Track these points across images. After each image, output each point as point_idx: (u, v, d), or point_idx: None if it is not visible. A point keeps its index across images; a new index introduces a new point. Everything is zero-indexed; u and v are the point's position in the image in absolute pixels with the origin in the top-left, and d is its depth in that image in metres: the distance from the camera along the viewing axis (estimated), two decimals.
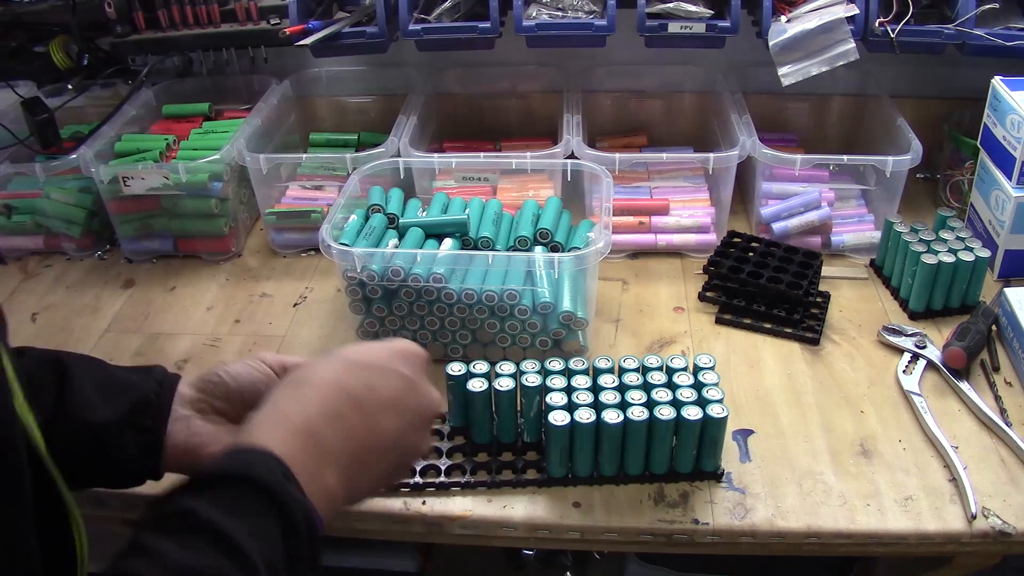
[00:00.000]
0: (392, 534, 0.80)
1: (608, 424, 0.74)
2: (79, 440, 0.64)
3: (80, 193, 1.17)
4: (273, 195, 1.18)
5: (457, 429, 0.84)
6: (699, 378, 0.79)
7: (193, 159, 1.11)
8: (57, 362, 0.66)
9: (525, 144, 1.25)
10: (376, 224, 0.95)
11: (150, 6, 1.19)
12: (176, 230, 1.16)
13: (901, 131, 1.11)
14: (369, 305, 0.92)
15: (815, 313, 1.00)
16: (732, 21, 1.08)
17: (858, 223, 1.14)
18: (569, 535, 0.78)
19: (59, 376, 0.65)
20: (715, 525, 0.76)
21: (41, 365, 0.65)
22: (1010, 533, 0.74)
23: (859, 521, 0.76)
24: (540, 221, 0.97)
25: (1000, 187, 1.03)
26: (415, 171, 1.09)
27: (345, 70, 1.33)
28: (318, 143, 1.31)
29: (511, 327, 0.90)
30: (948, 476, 0.80)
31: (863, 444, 0.84)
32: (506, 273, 0.90)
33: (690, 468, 0.79)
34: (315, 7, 1.18)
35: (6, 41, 1.27)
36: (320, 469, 0.54)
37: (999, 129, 1.04)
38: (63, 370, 0.65)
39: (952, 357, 0.91)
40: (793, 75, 1.09)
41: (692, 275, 1.09)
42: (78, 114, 1.30)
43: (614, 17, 1.08)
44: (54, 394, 0.64)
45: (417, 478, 0.80)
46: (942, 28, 1.07)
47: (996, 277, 1.06)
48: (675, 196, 1.16)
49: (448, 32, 1.12)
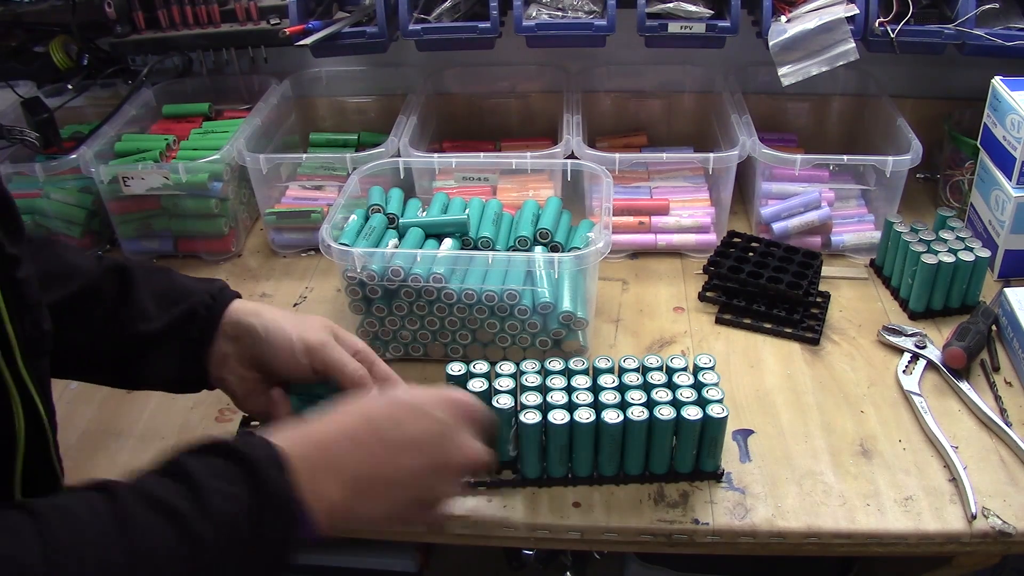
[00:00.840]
0: (392, 534, 0.80)
1: (608, 424, 0.74)
2: (132, 346, 0.70)
3: (80, 193, 1.17)
4: (273, 195, 1.18)
5: None
6: (699, 378, 0.79)
7: (193, 159, 1.11)
8: (123, 270, 0.72)
9: (525, 144, 1.25)
10: (376, 224, 0.95)
11: (150, 6, 1.19)
12: (176, 230, 1.16)
13: (901, 131, 1.11)
14: (369, 305, 0.92)
15: (815, 313, 1.00)
16: (732, 21, 1.08)
17: (858, 223, 1.14)
18: (569, 535, 0.78)
19: (122, 284, 0.71)
20: (715, 525, 0.76)
21: (108, 273, 0.71)
22: (1010, 533, 0.74)
23: (859, 521, 0.76)
24: (540, 221, 0.97)
25: (1000, 187, 1.03)
26: (415, 171, 1.09)
27: (345, 70, 1.33)
28: (318, 143, 1.31)
29: (511, 327, 0.90)
30: (948, 476, 0.80)
31: (863, 444, 0.84)
32: (506, 273, 0.90)
33: (690, 468, 0.79)
34: (315, 7, 1.18)
35: (6, 41, 1.27)
36: (323, 477, 0.55)
37: (999, 129, 1.04)
38: (128, 278, 0.71)
39: (952, 357, 0.91)
40: (793, 75, 1.09)
41: (692, 275, 1.09)
42: (78, 114, 1.30)
43: (614, 17, 1.08)
44: (115, 302, 0.70)
45: None
46: (942, 28, 1.07)
47: (996, 277, 1.06)
48: (675, 196, 1.16)
49: (448, 32, 1.12)
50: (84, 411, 0.91)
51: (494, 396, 0.77)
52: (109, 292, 0.71)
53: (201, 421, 0.89)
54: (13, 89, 1.25)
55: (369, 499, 0.58)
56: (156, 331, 0.70)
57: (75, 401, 0.92)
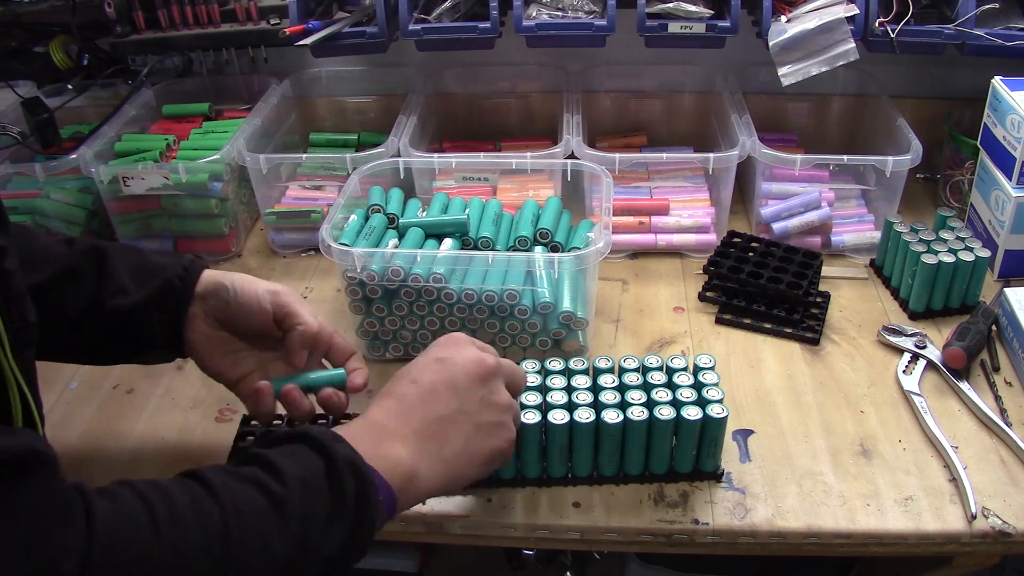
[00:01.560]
0: (392, 534, 0.80)
1: (608, 424, 0.74)
2: (114, 322, 0.74)
3: (80, 193, 1.17)
4: (273, 195, 1.18)
5: None
6: (699, 378, 0.79)
7: (193, 159, 1.11)
8: (98, 250, 0.75)
9: (525, 144, 1.25)
10: (376, 224, 0.95)
11: (150, 6, 1.19)
12: (176, 230, 1.16)
13: (901, 131, 1.11)
14: (369, 305, 0.92)
15: (815, 313, 1.00)
16: (732, 21, 1.08)
17: (858, 223, 1.14)
18: (569, 535, 0.78)
19: (99, 264, 0.74)
20: (715, 525, 0.76)
21: (84, 255, 0.75)
22: (1010, 533, 0.74)
23: (859, 521, 0.76)
24: (540, 221, 0.97)
25: (1000, 187, 1.03)
26: (415, 171, 1.09)
27: (345, 70, 1.33)
28: (318, 143, 1.31)
29: (511, 327, 0.90)
30: (948, 476, 0.80)
31: (863, 444, 0.84)
32: (506, 273, 0.90)
33: (690, 468, 0.79)
34: (315, 7, 1.18)
35: (6, 41, 1.27)
36: (382, 444, 0.62)
37: (999, 129, 1.04)
38: (102, 258, 0.75)
39: (952, 357, 0.91)
40: (793, 75, 1.09)
41: (692, 275, 1.09)
42: (78, 114, 1.30)
43: (614, 17, 1.08)
44: (94, 282, 0.74)
45: None
46: (942, 28, 1.07)
47: (996, 277, 1.06)
48: (675, 196, 1.16)
49: (448, 32, 1.12)
50: (84, 411, 0.91)
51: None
52: (87, 273, 0.74)
53: (201, 421, 0.89)
54: (13, 89, 1.25)
55: (438, 442, 0.64)
56: (134, 305, 0.74)
57: (75, 401, 0.92)
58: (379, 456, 0.60)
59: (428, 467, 0.63)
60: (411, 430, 0.63)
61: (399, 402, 0.65)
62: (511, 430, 0.69)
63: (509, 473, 0.79)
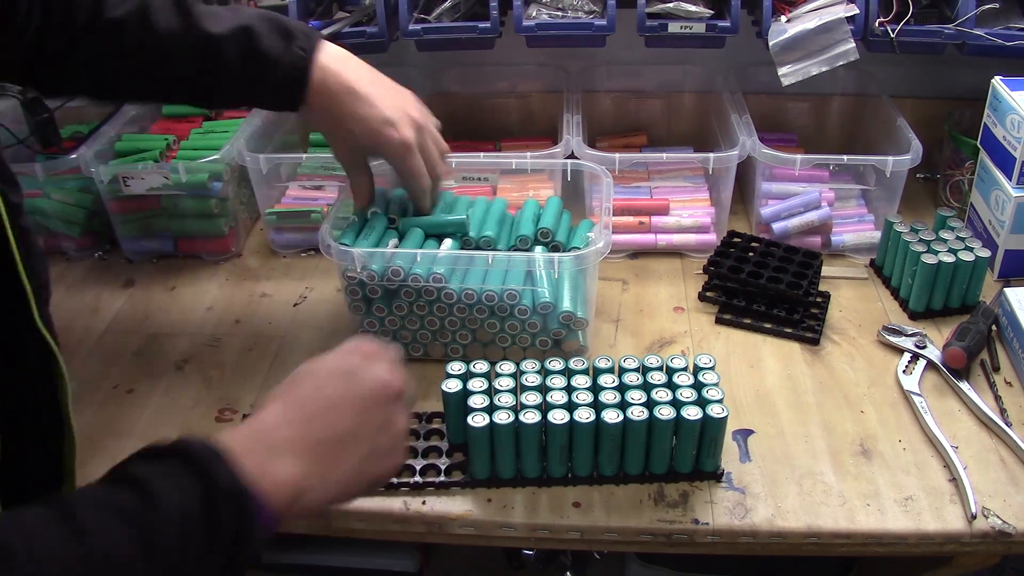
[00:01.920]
0: (392, 534, 0.80)
1: (608, 424, 0.74)
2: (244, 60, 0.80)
3: (80, 193, 1.17)
4: (273, 195, 1.18)
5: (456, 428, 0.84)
6: (699, 378, 0.79)
7: (193, 159, 1.11)
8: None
9: (525, 144, 1.25)
10: (376, 224, 0.95)
11: None
12: (176, 230, 1.16)
13: (901, 131, 1.11)
14: (369, 305, 0.92)
15: (815, 313, 1.00)
16: (732, 21, 1.08)
17: (858, 223, 1.14)
18: (569, 535, 0.78)
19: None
20: (715, 525, 0.76)
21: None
22: (1010, 533, 0.74)
23: (859, 521, 0.76)
24: (541, 221, 0.97)
25: (1000, 187, 1.03)
26: None
27: None
28: (318, 143, 1.30)
29: (511, 327, 0.90)
30: (948, 476, 0.80)
31: (863, 444, 0.84)
32: (506, 273, 0.90)
33: (690, 468, 0.79)
34: (315, 7, 1.18)
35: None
36: (273, 460, 0.57)
37: (999, 129, 1.04)
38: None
39: (952, 357, 0.91)
40: (793, 75, 1.09)
41: (692, 275, 1.09)
42: (78, 114, 1.29)
43: (614, 17, 1.08)
44: None
45: (417, 477, 0.80)
46: (942, 28, 1.07)
47: (996, 277, 1.06)
48: (675, 196, 1.16)
49: (448, 32, 1.12)
50: (84, 411, 0.91)
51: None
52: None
53: (201, 421, 0.89)
54: (12, 89, 1.24)
55: (331, 462, 0.60)
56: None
57: (75, 401, 0.92)
58: (266, 474, 0.55)
59: (316, 486, 0.59)
60: (306, 445, 0.59)
61: (299, 410, 0.61)
62: (401, 457, 0.66)
63: (509, 473, 0.79)
